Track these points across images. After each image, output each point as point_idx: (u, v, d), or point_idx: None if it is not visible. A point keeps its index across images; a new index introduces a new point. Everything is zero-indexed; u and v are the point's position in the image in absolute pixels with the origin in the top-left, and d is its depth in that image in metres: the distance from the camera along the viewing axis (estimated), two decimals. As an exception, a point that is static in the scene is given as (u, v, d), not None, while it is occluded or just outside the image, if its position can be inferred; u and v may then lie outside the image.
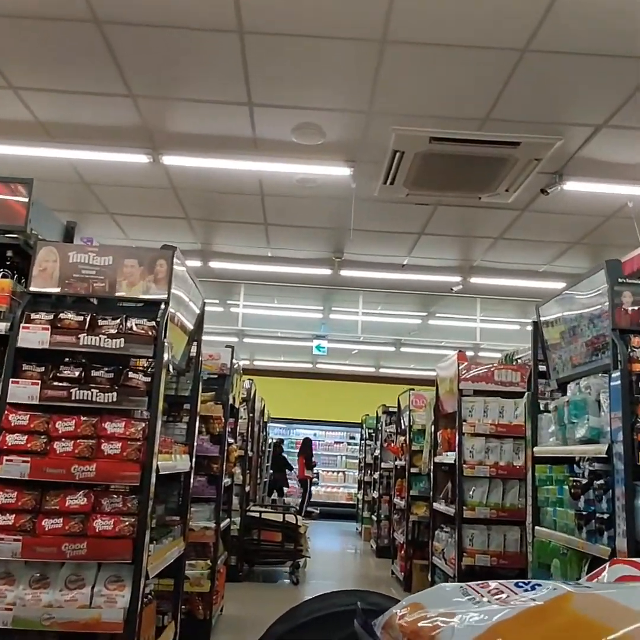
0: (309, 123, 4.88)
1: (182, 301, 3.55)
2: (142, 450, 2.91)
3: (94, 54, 4.23)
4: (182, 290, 3.50)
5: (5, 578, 2.80)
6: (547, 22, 3.70)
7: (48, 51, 4.23)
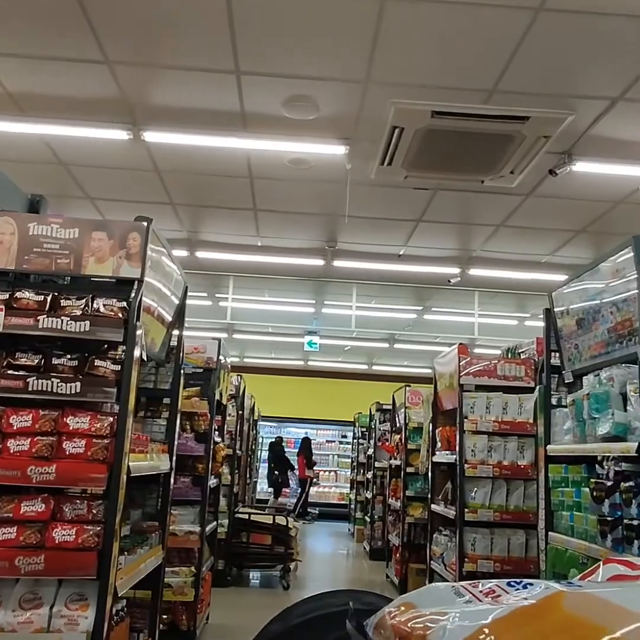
0: (301, 95, 4.50)
1: (159, 282, 3.17)
2: (110, 449, 2.54)
3: (66, 16, 3.84)
4: (160, 270, 3.13)
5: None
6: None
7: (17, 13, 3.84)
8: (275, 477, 14.96)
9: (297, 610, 1.45)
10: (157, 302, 3.20)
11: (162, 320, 3.47)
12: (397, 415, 8.23)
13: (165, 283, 3.31)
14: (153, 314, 3.19)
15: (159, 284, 3.16)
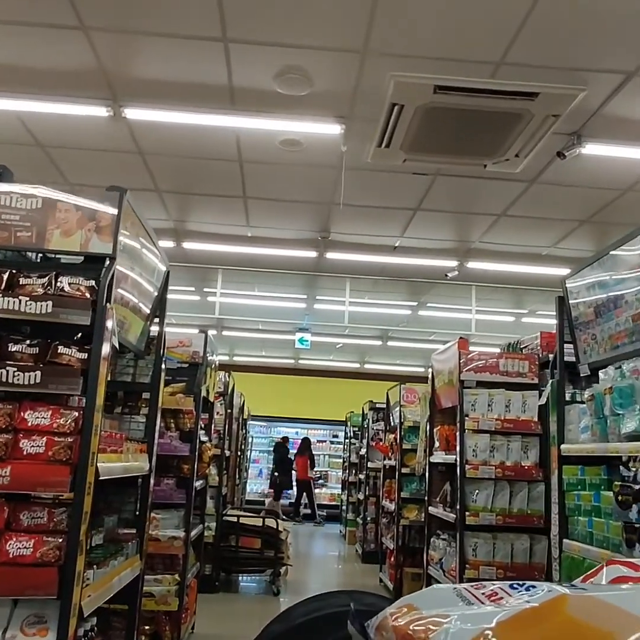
0: (294, 66, 4.17)
1: (136, 261, 2.84)
2: (75, 448, 2.21)
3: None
4: (136, 248, 2.80)
5: None
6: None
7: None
8: (274, 478, 14.81)
9: (299, 610, 1.44)
10: (133, 284, 2.87)
11: (141, 307, 3.15)
12: (392, 414, 8.02)
13: (143, 263, 2.98)
14: (129, 298, 2.86)
15: (135, 264, 2.84)
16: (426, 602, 0.98)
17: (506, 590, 0.95)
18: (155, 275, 3.31)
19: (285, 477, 14.74)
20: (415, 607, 0.97)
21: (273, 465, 15.23)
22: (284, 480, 14.73)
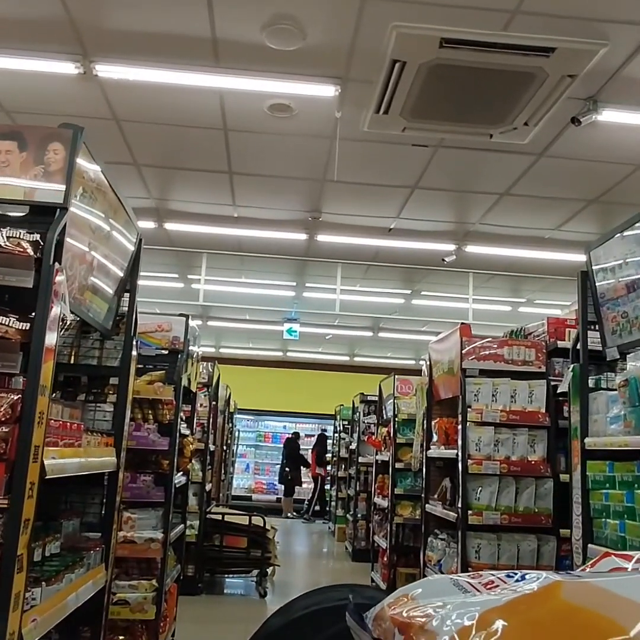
0: (284, 15, 3.72)
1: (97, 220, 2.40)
2: (12, 441, 1.77)
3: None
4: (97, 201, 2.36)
5: None
6: None
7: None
8: (286, 473, 14.71)
9: (299, 603, 1.46)
10: (95, 248, 2.44)
11: (106, 278, 2.71)
12: (385, 407, 7.73)
13: (106, 223, 2.54)
14: (90, 264, 2.43)
15: (96, 222, 2.40)
16: (423, 592, 1.00)
17: (502, 579, 0.97)
18: (125, 241, 2.87)
19: (297, 472, 14.67)
20: (413, 597, 1.00)
21: (283, 460, 15.10)
22: (295, 476, 14.65)
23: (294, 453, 14.90)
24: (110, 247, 2.67)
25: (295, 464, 14.71)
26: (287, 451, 15.05)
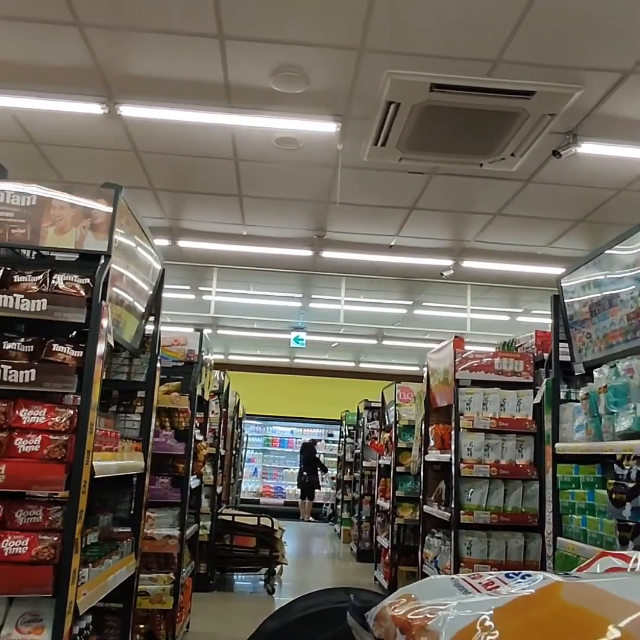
0: (290, 64, 4.17)
1: (131, 258, 2.84)
2: (70, 447, 2.20)
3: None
4: (131, 246, 2.79)
5: None
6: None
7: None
8: (303, 478, 15.04)
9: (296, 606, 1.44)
10: (128, 282, 2.87)
11: (136, 305, 3.14)
12: (387, 413, 8.01)
13: (138, 261, 2.97)
14: (124, 296, 2.86)
15: (130, 262, 2.83)
16: (424, 592, 0.99)
17: (502, 579, 0.96)
18: (151, 274, 3.30)
19: (314, 477, 14.99)
20: (414, 597, 0.98)
21: (300, 465, 15.43)
22: (312, 480, 14.98)
23: (311, 458, 15.19)
24: (139, 279, 3.10)
25: (312, 469, 15.03)
26: (303, 456, 15.34)
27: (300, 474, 15.24)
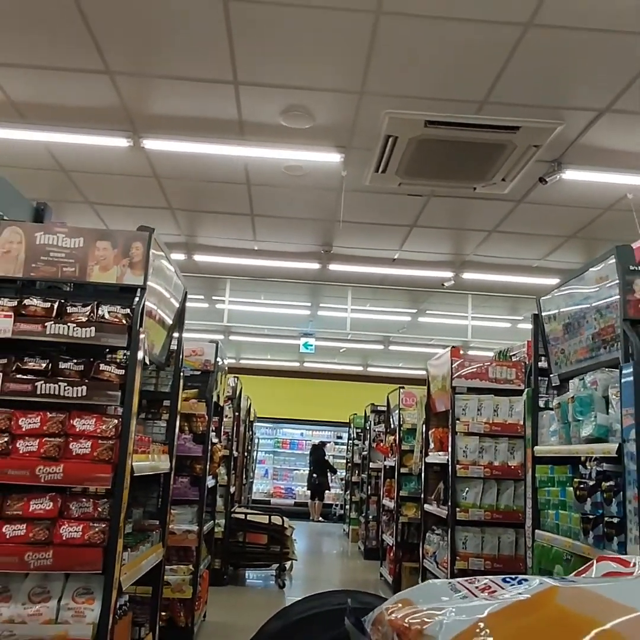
0: (298, 105, 4.63)
1: (160, 288, 3.29)
2: (115, 450, 2.65)
3: (68, 27, 3.96)
4: (161, 277, 3.25)
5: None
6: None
7: (20, 25, 3.96)
8: (313, 479, 15.28)
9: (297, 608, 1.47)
10: (158, 308, 3.32)
11: (163, 325, 3.59)
12: (392, 417, 8.28)
13: (165, 289, 3.43)
14: (154, 319, 3.31)
15: (160, 290, 3.28)
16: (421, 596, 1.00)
17: (499, 584, 0.97)
18: (175, 298, 3.76)
19: (323, 478, 15.22)
20: (411, 601, 0.98)
21: (310, 467, 15.67)
22: (321, 482, 15.22)
23: (320, 460, 15.39)
24: (166, 303, 3.56)
25: (322, 470, 15.25)
26: (313, 458, 15.56)
27: (310, 476, 15.46)
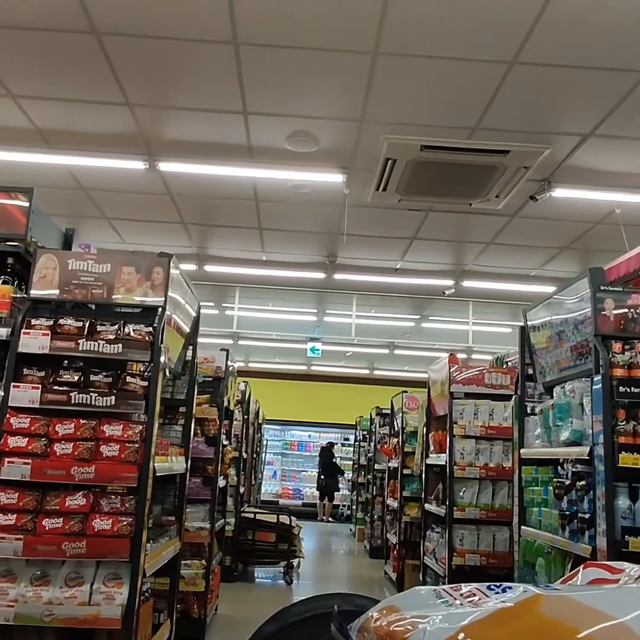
0: (302, 131, 4.99)
1: (178, 306, 3.65)
2: (140, 452, 3.00)
3: (92, 64, 4.33)
4: (178, 296, 3.60)
5: (7, 576, 2.89)
6: (534, 35, 3.82)
7: (47, 61, 4.33)
8: (321, 481, 15.47)
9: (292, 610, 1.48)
10: (175, 324, 3.68)
11: (179, 338, 3.95)
12: (395, 420, 8.56)
13: (182, 307, 3.78)
14: (172, 334, 3.66)
15: (177, 309, 3.64)
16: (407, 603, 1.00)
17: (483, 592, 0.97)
18: (190, 313, 4.11)
19: (331, 480, 15.36)
20: (397, 608, 0.98)
21: (319, 469, 15.86)
22: (330, 483, 15.37)
23: (328, 461, 15.52)
24: (182, 319, 3.91)
25: (329, 472, 15.40)
26: (321, 460, 15.74)
27: (319, 477, 15.64)
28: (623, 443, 3.01)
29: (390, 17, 3.73)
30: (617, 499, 2.99)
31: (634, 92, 4.26)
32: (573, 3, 3.54)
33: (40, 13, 3.84)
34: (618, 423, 3.06)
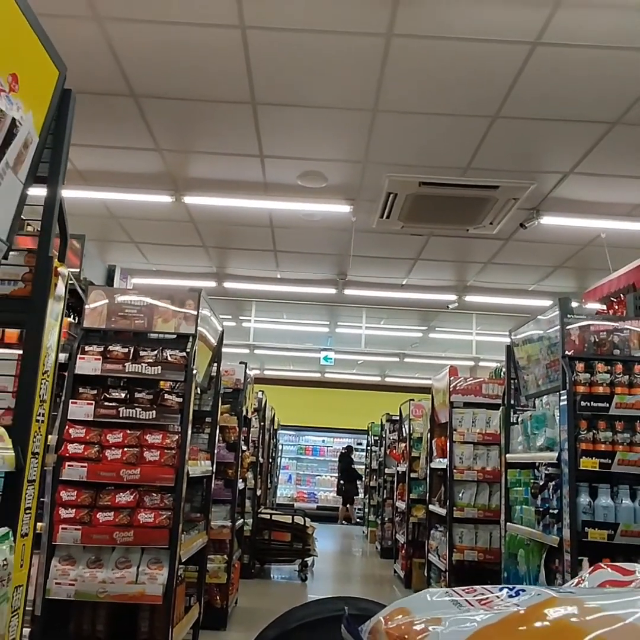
0: (313, 171, 5.58)
1: (206, 331, 4.25)
2: (176, 458, 3.60)
3: (128, 118, 4.94)
4: (206, 324, 4.20)
5: (68, 560, 3.50)
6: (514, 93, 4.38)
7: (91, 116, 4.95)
8: (340, 486, 15.78)
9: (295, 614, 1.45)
10: (203, 346, 4.28)
11: (206, 356, 4.54)
12: (403, 426, 8.96)
13: (209, 331, 4.38)
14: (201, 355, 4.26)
15: (205, 333, 4.24)
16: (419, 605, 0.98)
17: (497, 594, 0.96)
18: (215, 336, 4.71)
19: (351, 485, 15.61)
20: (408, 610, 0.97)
21: (338, 474, 16.13)
22: (348, 488, 15.65)
23: (347, 467, 15.71)
24: (209, 340, 4.51)
25: (348, 477, 15.69)
26: (341, 465, 15.94)
27: (338, 482, 15.88)
28: (584, 449, 3.55)
29: (387, 82, 4.31)
30: (579, 496, 3.52)
31: (605, 139, 4.81)
32: (550, 60, 4.08)
33: (87, 78, 4.46)
34: (580, 432, 3.59)
